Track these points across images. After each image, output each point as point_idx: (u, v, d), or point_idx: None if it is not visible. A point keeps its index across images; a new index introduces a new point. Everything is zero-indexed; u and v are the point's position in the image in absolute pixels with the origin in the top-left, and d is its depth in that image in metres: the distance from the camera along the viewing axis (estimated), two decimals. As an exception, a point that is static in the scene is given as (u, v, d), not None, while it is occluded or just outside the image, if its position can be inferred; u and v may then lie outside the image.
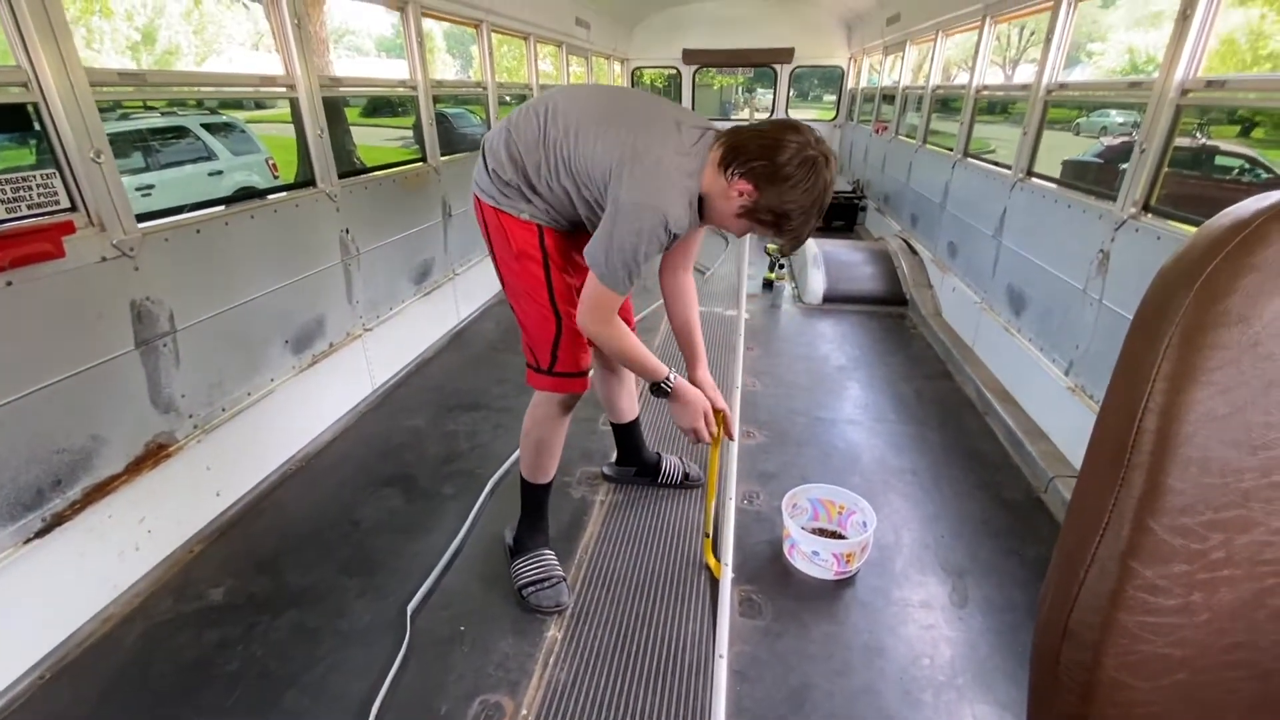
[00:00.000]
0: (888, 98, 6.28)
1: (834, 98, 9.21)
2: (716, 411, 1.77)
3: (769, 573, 1.92)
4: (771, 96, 8.61)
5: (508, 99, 5.41)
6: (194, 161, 7.67)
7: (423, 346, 3.47)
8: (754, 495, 2.27)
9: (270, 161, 8.42)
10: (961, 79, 4.86)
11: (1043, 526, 2.14)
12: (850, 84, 8.08)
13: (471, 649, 1.66)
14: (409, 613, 1.74)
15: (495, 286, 4.45)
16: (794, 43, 7.92)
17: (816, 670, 1.61)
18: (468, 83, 4.37)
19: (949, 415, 2.88)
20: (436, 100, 3.50)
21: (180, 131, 7.74)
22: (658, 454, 2.33)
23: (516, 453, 2.49)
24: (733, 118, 11.02)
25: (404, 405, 2.95)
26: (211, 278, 2.09)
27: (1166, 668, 0.51)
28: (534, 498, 1.89)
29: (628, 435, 2.26)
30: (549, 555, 1.87)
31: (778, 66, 8.16)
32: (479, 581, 1.89)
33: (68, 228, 1.62)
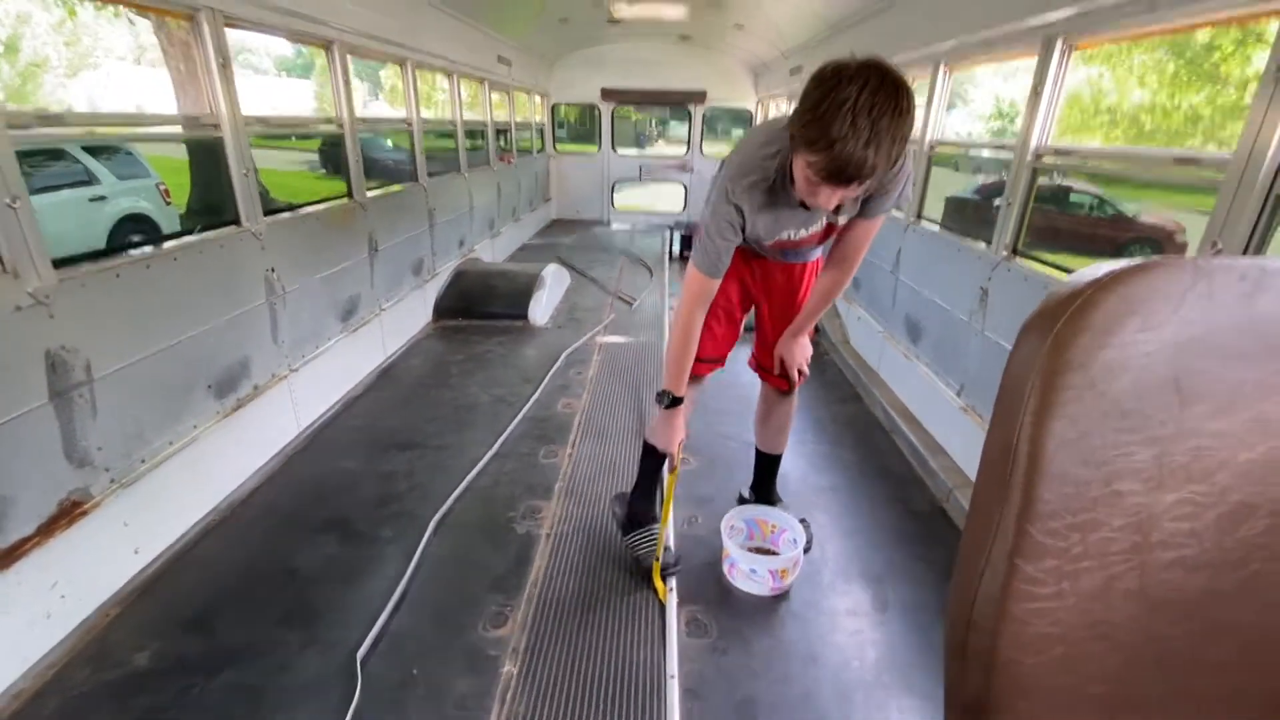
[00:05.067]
0: (793, 140, 6.78)
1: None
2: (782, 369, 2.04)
3: (712, 593, 2.05)
4: (684, 130, 9.10)
5: (447, 132, 5.39)
6: (72, 186, 7.07)
7: (350, 385, 3.39)
8: (694, 519, 2.40)
9: (162, 187, 7.88)
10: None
11: (946, 533, 2.39)
12: (758, 125, 8.64)
13: (427, 691, 1.67)
14: (359, 660, 1.72)
15: (423, 321, 4.41)
16: (706, 85, 8.39)
17: (760, 683, 1.74)
18: (393, 119, 4.36)
19: (861, 435, 3.15)
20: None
21: (55, 154, 7.12)
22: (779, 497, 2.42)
23: (458, 490, 2.51)
24: (646, 150, 11.42)
25: (334, 446, 2.87)
26: (131, 323, 2.00)
27: (1047, 644, 0.64)
28: (653, 464, 2.09)
29: (765, 466, 2.37)
30: (654, 526, 2.10)
31: (692, 107, 8.60)
32: (429, 623, 1.89)
33: (-22, 277, 1.53)
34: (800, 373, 2.06)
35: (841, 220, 1.71)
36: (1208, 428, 0.55)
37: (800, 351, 2.03)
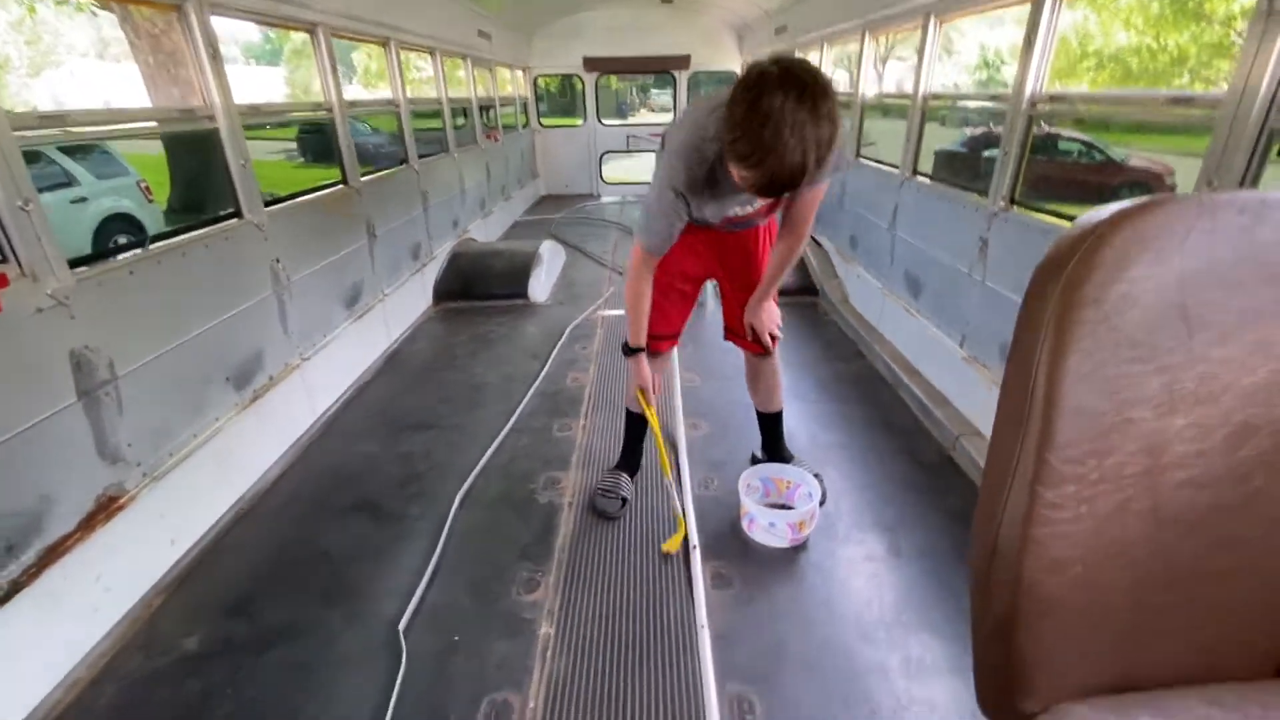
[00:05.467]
0: (781, 102, 6.71)
1: (729, 100, 9.67)
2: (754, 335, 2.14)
3: (732, 548, 2.12)
4: (665, 97, 8.97)
5: (433, 112, 5.33)
6: (51, 189, 6.95)
7: (359, 371, 3.42)
8: (710, 481, 2.47)
9: (143, 184, 7.77)
10: (846, 84, 5.31)
11: (955, 480, 2.47)
12: (744, 88, 8.53)
13: (469, 656, 1.74)
14: (401, 630, 1.79)
15: (424, 305, 4.42)
16: (689, 49, 8.26)
17: (786, 627, 1.82)
18: (380, 100, 4.30)
19: (865, 391, 3.22)
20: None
21: (31, 156, 6.97)
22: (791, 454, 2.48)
23: (479, 466, 2.57)
24: (629, 118, 11.25)
25: (350, 432, 2.92)
26: (148, 319, 2.02)
27: (1067, 565, 0.68)
28: (629, 422, 2.40)
29: (768, 425, 2.44)
30: (623, 475, 2.35)
31: (676, 72, 8.48)
32: (465, 593, 1.96)
33: (1, 281, 1.55)
34: (773, 337, 2.13)
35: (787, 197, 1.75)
36: (1214, 354, 0.58)
37: (768, 316, 2.10)
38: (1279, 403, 0.62)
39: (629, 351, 2.03)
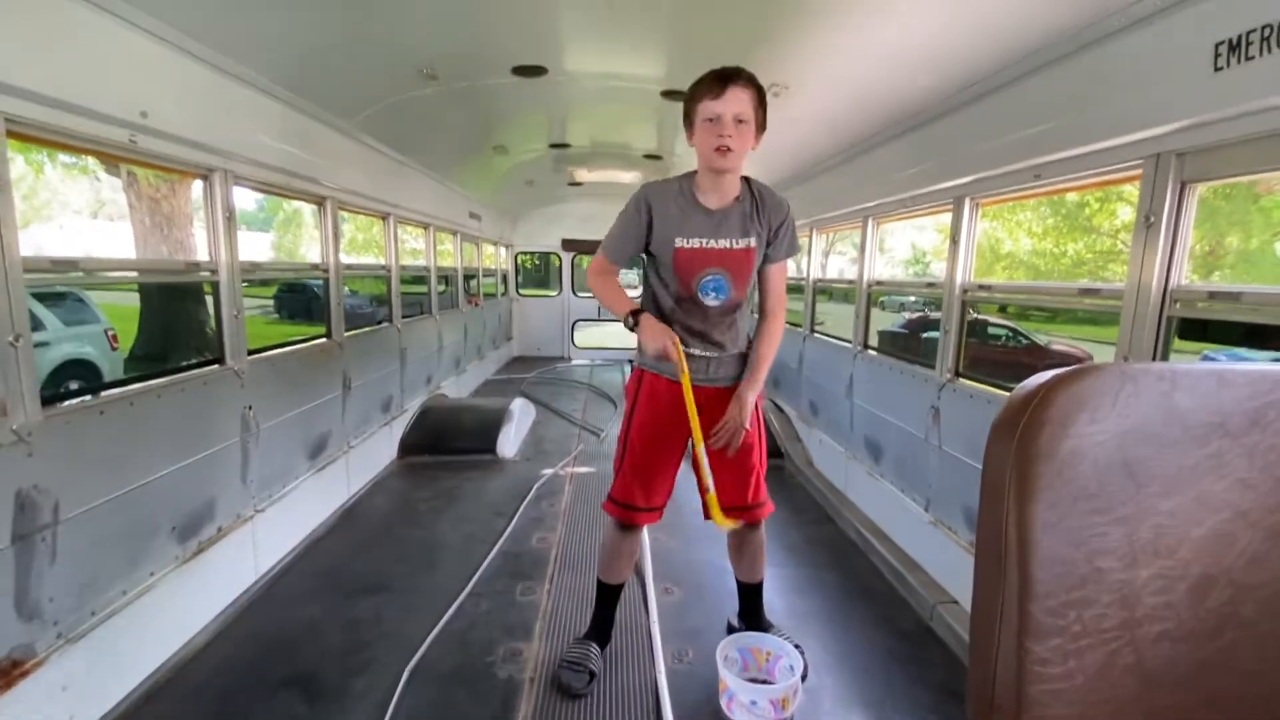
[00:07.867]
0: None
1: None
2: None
3: (711, 730, 1.94)
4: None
5: (420, 277, 5.67)
6: (12, 333, 6.85)
7: (313, 525, 3.23)
8: (684, 653, 2.31)
9: (110, 333, 7.78)
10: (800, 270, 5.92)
11: (936, 650, 2.38)
12: (705, 270, 9.42)
13: None
14: None
15: (389, 458, 4.32)
16: None
17: None
18: (374, 265, 4.58)
19: (838, 556, 3.18)
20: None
21: None
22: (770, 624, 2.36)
23: (432, 635, 2.37)
24: None
25: (295, 593, 2.69)
26: (106, 462, 1.94)
27: None
28: (600, 594, 2.26)
29: (748, 595, 2.37)
30: (592, 646, 2.19)
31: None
32: (409, 786, 1.71)
33: (-32, 414, 1.51)
34: (753, 509, 2.12)
35: (751, 243, 1.95)
36: (1162, 507, 0.62)
37: (741, 409, 1.91)
38: (1228, 554, 0.65)
39: (631, 324, 2.01)
